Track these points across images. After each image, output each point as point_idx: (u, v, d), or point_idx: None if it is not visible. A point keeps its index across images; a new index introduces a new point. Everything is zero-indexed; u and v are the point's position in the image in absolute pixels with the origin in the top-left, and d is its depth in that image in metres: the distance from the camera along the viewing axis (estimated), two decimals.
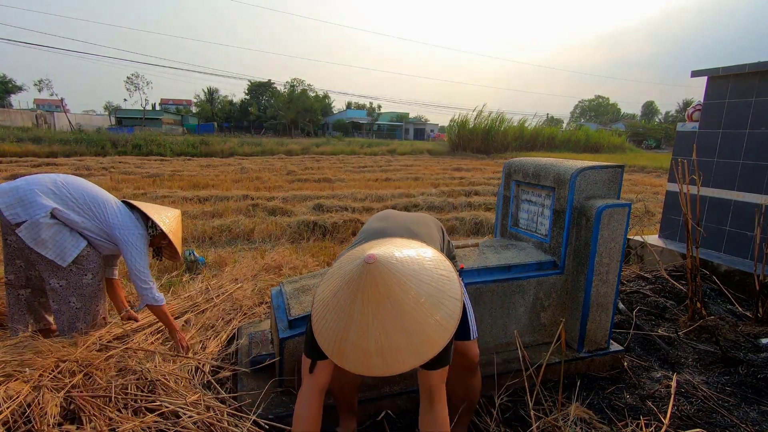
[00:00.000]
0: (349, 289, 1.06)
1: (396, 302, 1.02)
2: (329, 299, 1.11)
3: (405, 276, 1.05)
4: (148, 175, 11.08)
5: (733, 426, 2.02)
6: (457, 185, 10.63)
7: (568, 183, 2.26)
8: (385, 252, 1.09)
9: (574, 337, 2.39)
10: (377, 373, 1.03)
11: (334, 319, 1.07)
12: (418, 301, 1.03)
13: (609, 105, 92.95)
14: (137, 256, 2.26)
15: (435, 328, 1.04)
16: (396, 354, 1.01)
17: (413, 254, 1.13)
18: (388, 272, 1.03)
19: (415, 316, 1.02)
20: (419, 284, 1.06)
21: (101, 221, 2.25)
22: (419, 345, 1.02)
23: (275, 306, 2.14)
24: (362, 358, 1.03)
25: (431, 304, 1.05)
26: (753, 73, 3.87)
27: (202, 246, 5.07)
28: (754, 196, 3.86)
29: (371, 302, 1.02)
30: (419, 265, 1.10)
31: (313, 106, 49.17)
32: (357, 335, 1.02)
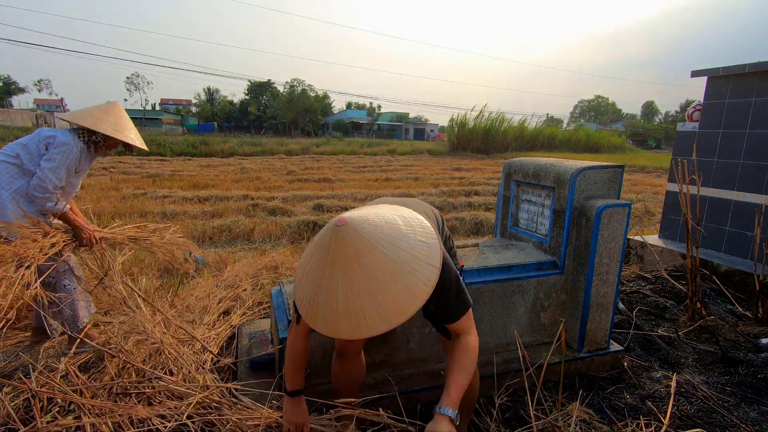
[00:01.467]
0: (321, 252, 1.07)
1: (365, 266, 1.01)
2: (305, 262, 1.14)
3: (376, 239, 1.03)
4: (148, 175, 11.09)
5: (733, 426, 2.02)
6: (457, 185, 10.63)
7: (568, 183, 2.26)
8: (358, 215, 1.08)
9: (574, 337, 2.39)
10: (345, 336, 1.04)
11: (308, 281, 1.10)
12: (389, 266, 1.02)
13: (609, 105, 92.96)
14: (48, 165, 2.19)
15: (404, 294, 1.03)
16: (362, 318, 1.02)
17: (389, 218, 1.11)
18: (358, 235, 1.03)
19: (383, 281, 1.01)
20: (393, 249, 1.04)
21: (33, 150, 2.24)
22: (386, 310, 1.02)
23: (275, 306, 2.14)
24: (331, 320, 1.04)
25: (403, 270, 1.03)
26: (753, 73, 3.87)
27: (202, 246, 5.07)
28: (754, 196, 3.86)
29: (339, 265, 1.03)
30: (395, 229, 1.08)
31: (313, 106, 49.20)
32: (326, 297, 1.04)
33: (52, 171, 2.18)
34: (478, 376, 1.77)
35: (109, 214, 6.10)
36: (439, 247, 1.12)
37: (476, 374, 1.75)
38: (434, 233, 1.15)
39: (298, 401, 1.49)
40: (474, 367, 1.33)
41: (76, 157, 2.29)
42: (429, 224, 1.18)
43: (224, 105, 55.53)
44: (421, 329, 2.11)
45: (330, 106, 60.70)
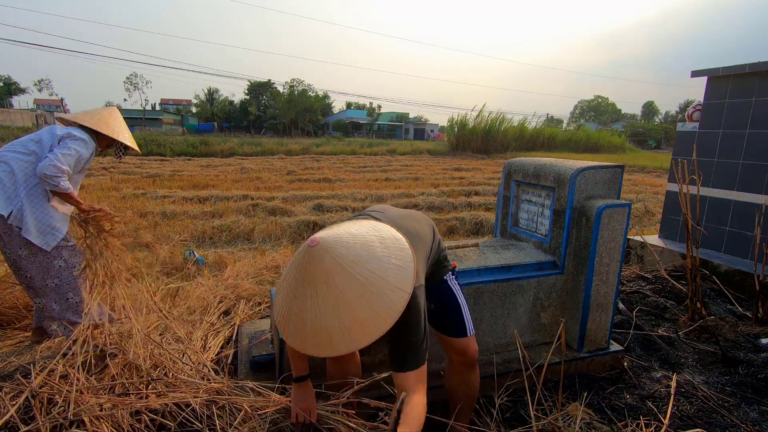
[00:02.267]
0: (295, 270, 1.10)
1: (333, 287, 1.03)
2: (284, 277, 1.17)
3: (347, 261, 1.04)
4: (148, 175, 11.09)
5: (733, 426, 2.02)
6: (457, 185, 10.63)
7: (568, 183, 2.26)
8: (332, 235, 1.09)
9: (574, 337, 2.39)
10: (311, 353, 1.07)
11: (282, 296, 1.13)
12: (357, 288, 1.03)
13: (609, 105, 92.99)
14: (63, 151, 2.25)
15: (370, 317, 1.03)
16: (328, 337, 1.04)
17: (366, 239, 1.11)
18: (329, 256, 1.04)
19: (350, 303, 1.03)
20: (362, 271, 1.05)
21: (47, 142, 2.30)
22: (351, 332, 1.03)
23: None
24: (299, 336, 1.07)
25: (371, 293, 1.04)
26: (753, 73, 3.87)
27: (202, 246, 5.08)
28: (754, 196, 3.86)
29: (310, 284, 1.05)
30: (368, 251, 1.09)
31: (313, 106, 49.19)
32: (296, 314, 1.07)
33: (64, 156, 2.21)
34: (478, 376, 1.77)
35: None
36: (413, 270, 1.11)
37: (476, 374, 1.76)
38: (411, 258, 1.14)
39: (305, 386, 1.50)
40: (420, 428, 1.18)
41: (88, 153, 2.36)
42: (407, 245, 1.17)
43: (224, 105, 55.53)
44: None
45: (330, 106, 60.71)
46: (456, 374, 1.75)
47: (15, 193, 2.17)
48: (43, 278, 2.26)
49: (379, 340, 2.01)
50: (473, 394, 1.77)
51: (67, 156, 2.23)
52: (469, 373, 1.73)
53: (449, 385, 1.79)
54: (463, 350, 1.67)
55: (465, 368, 1.72)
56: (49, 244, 2.26)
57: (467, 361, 1.70)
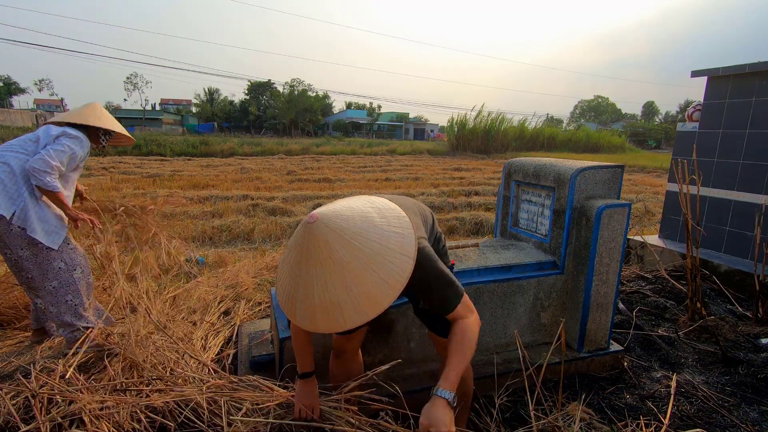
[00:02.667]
0: (297, 249, 1.09)
1: (337, 260, 1.03)
2: (284, 259, 1.16)
3: (348, 233, 1.04)
4: (148, 175, 11.09)
5: (733, 426, 2.02)
6: (457, 185, 10.63)
7: (568, 183, 2.26)
8: (329, 210, 1.09)
9: (574, 337, 2.39)
10: (323, 330, 1.07)
11: (286, 278, 1.12)
12: (361, 259, 1.03)
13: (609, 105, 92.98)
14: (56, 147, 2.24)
15: (379, 285, 1.04)
16: (339, 311, 1.03)
17: (363, 211, 1.12)
18: (329, 230, 1.04)
19: (357, 274, 1.03)
20: (364, 241, 1.05)
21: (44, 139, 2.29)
22: (361, 303, 1.03)
23: (275, 306, 2.14)
24: (309, 315, 1.06)
25: (376, 262, 1.04)
26: (753, 73, 3.87)
27: (202, 246, 5.08)
28: (754, 196, 3.86)
29: (313, 261, 1.04)
30: (367, 221, 1.09)
31: (313, 106, 49.17)
32: (303, 294, 1.06)
33: (56, 152, 2.21)
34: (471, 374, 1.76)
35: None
36: (413, 236, 1.12)
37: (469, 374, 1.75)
38: (408, 223, 1.15)
39: (309, 383, 1.51)
40: (473, 347, 1.29)
41: (82, 152, 2.36)
42: (403, 213, 1.18)
43: (224, 105, 55.51)
44: (422, 329, 2.11)
45: (330, 106, 60.69)
46: None
47: (17, 193, 2.16)
48: (42, 279, 2.26)
49: (378, 341, 2.01)
50: (469, 392, 1.77)
51: (60, 152, 2.21)
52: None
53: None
54: None
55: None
56: (56, 242, 2.27)
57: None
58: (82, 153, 2.36)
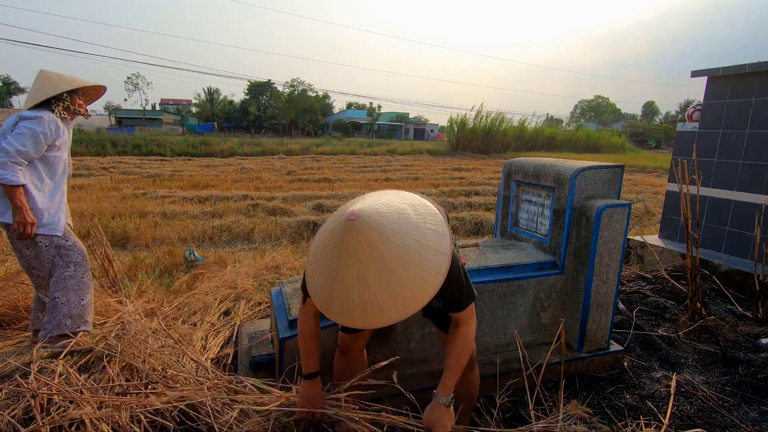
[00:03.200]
0: (334, 246, 1.08)
1: (378, 258, 1.04)
2: (319, 254, 1.15)
3: (388, 231, 1.05)
4: (148, 175, 11.09)
5: (733, 426, 2.02)
6: (457, 185, 10.63)
7: (568, 183, 2.26)
8: (368, 207, 1.09)
9: (574, 337, 2.39)
10: (360, 325, 1.08)
11: (322, 274, 1.12)
12: (401, 256, 1.04)
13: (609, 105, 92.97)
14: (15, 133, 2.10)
15: (418, 283, 1.06)
16: (378, 308, 1.05)
17: (399, 208, 1.13)
18: (370, 228, 1.04)
19: (397, 272, 1.04)
20: (404, 239, 1.06)
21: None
22: (401, 300, 1.05)
23: (275, 306, 2.14)
24: (347, 310, 1.08)
25: (415, 259, 1.06)
26: (753, 73, 3.87)
27: (202, 246, 5.07)
28: (754, 196, 3.86)
29: (353, 257, 1.05)
30: (405, 219, 1.10)
31: (313, 106, 49.15)
32: (341, 290, 1.07)
33: (15, 138, 2.08)
34: (478, 375, 1.77)
35: (109, 214, 6.10)
36: (449, 234, 1.14)
37: (476, 373, 1.76)
38: (443, 221, 1.17)
39: (313, 383, 1.51)
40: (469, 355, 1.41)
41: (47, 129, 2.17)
42: (437, 210, 1.19)
43: (224, 105, 55.50)
44: (422, 329, 2.11)
45: (330, 106, 60.66)
46: None
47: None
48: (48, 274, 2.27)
49: (378, 341, 2.01)
50: (473, 394, 1.77)
51: (19, 136, 2.08)
52: (468, 372, 1.73)
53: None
54: None
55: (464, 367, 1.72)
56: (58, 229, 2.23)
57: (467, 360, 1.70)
58: (47, 129, 2.16)
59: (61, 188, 2.33)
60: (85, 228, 4.91)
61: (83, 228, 4.99)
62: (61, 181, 2.34)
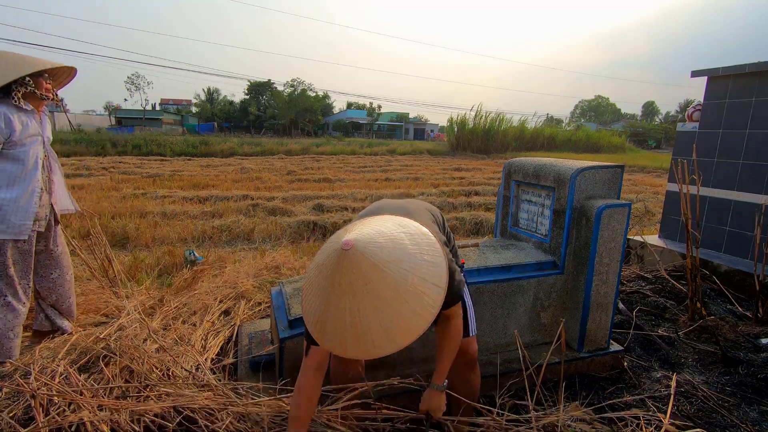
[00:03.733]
0: (329, 274, 1.07)
1: (372, 289, 1.02)
2: (312, 282, 1.13)
3: (382, 262, 1.03)
4: (148, 175, 11.09)
5: (733, 426, 2.02)
6: (457, 185, 10.63)
7: (568, 183, 2.26)
8: (363, 236, 1.07)
9: (574, 337, 2.39)
10: (352, 355, 1.07)
11: (316, 302, 1.10)
12: (396, 288, 1.03)
13: (609, 105, 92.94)
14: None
15: (411, 316, 1.04)
16: (369, 339, 1.04)
17: (396, 238, 1.10)
18: (364, 258, 1.03)
19: (390, 304, 1.03)
20: (398, 271, 1.04)
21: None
22: (393, 333, 1.04)
23: (275, 306, 2.14)
24: (339, 340, 1.06)
25: (409, 293, 1.04)
26: (753, 73, 3.87)
27: (202, 246, 5.07)
28: (754, 196, 3.86)
29: (346, 287, 1.03)
30: (401, 249, 1.08)
31: (313, 106, 49.15)
32: (334, 319, 1.05)
33: None
34: (478, 375, 1.78)
35: (109, 214, 6.10)
36: (445, 265, 1.11)
37: (477, 374, 1.77)
38: (440, 250, 1.14)
39: None
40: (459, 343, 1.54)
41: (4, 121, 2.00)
42: (435, 239, 1.16)
43: (224, 105, 55.50)
44: None
45: (330, 106, 60.65)
46: (456, 373, 1.76)
47: None
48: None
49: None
50: (474, 394, 1.77)
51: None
52: (469, 372, 1.74)
53: (450, 384, 1.80)
54: (464, 350, 1.68)
55: (465, 367, 1.72)
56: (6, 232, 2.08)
57: (467, 361, 1.70)
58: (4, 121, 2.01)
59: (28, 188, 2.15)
60: (85, 228, 4.91)
61: (83, 228, 4.99)
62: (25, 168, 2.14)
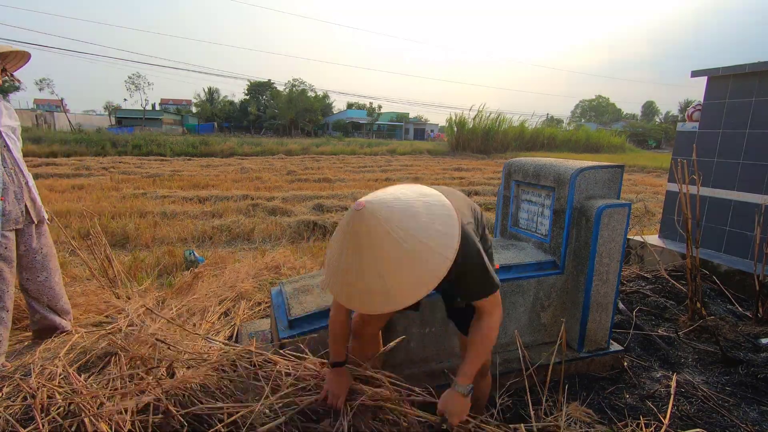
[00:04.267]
0: (342, 231, 1.15)
1: (377, 250, 1.06)
2: (334, 235, 1.22)
3: (390, 226, 1.06)
4: (148, 175, 11.08)
5: (733, 426, 2.02)
6: (457, 185, 10.62)
7: (568, 183, 2.26)
8: (378, 199, 1.11)
9: (574, 337, 2.39)
10: (355, 308, 1.20)
11: (332, 256, 1.18)
12: (398, 253, 1.06)
13: (609, 105, 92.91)
14: None
15: (412, 281, 1.07)
16: (370, 297, 1.10)
17: (410, 204, 1.12)
18: (374, 219, 1.06)
19: (392, 266, 1.06)
20: (405, 236, 1.06)
21: None
22: (392, 294, 1.08)
23: (275, 306, 2.14)
24: (345, 293, 1.15)
25: (412, 259, 1.06)
26: (753, 73, 3.87)
27: (202, 246, 5.07)
28: (754, 196, 3.86)
29: (354, 246, 1.09)
30: (412, 215, 1.10)
31: (313, 106, 49.15)
32: (342, 273, 1.13)
33: None
34: (489, 383, 1.78)
35: (109, 214, 6.09)
36: (457, 237, 1.12)
37: (488, 382, 1.77)
38: (455, 222, 1.14)
39: (340, 372, 1.53)
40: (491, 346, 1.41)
41: None
42: (454, 213, 1.17)
43: (224, 105, 55.49)
44: (422, 329, 2.11)
45: (330, 106, 60.64)
46: None
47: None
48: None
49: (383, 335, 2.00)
50: (482, 400, 1.78)
51: None
52: (480, 380, 1.73)
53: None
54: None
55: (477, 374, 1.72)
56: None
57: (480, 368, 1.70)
58: None
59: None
60: (85, 228, 4.91)
61: (83, 228, 4.99)
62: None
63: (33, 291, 2.37)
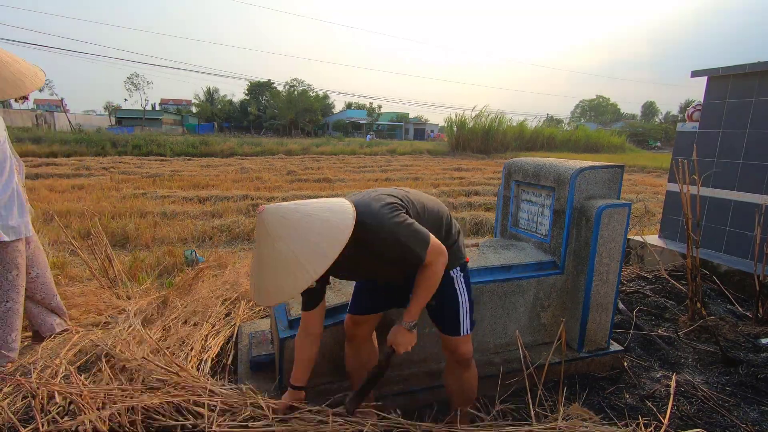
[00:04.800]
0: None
1: (262, 250, 1.25)
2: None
3: (274, 234, 1.22)
4: (148, 175, 11.08)
5: (733, 426, 2.02)
6: (457, 185, 10.62)
7: (568, 183, 2.26)
8: (276, 208, 1.27)
9: (574, 337, 2.39)
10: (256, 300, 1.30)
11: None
12: (272, 259, 1.22)
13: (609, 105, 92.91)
14: None
15: (277, 287, 1.22)
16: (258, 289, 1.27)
17: (306, 218, 1.25)
18: (264, 226, 1.24)
19: (267, 269, 1.24)
20: (282, 246, 1.21)
21: None
22: (267, 292, 1.25)
23: (275, 306, 2.14)
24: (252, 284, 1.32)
25: (280, 268, 1.22)
26: (753, 73, 3.87)
27: (202, 246, 5.07)
28: (754, 196, 3.86)
29: (259, 241, 1.28)
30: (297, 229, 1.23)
31: (313, 106, 49.14)
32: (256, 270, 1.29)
33: None
34: (475, 375, 1.78)
35: (109, 214, 6.09)
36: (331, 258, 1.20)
37: (474, 374, 1.77)
38: (342, 242, 1.21)
39: (296, 394, 1.58)
40: (436, 285, 1.49)
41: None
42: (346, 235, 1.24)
43: (224, 105, 55.50)
44: (421, 330, 2.11)
45: (330, 106, 60.63)
46: (450, 372, 1.77)
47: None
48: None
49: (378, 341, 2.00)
50: (469, 394, 1.77)
51: None
52: (462, 372, 1.74)
53: (445, 383, 1.81)
54: (453, 349, 1.68)
55: (458, 367, 1.73)
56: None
57: (458, 360, 1.71)
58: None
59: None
60: (85, 228, 4.91)
61: (83, 228, 4.99)
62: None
63: (27, 289, 2.36)
